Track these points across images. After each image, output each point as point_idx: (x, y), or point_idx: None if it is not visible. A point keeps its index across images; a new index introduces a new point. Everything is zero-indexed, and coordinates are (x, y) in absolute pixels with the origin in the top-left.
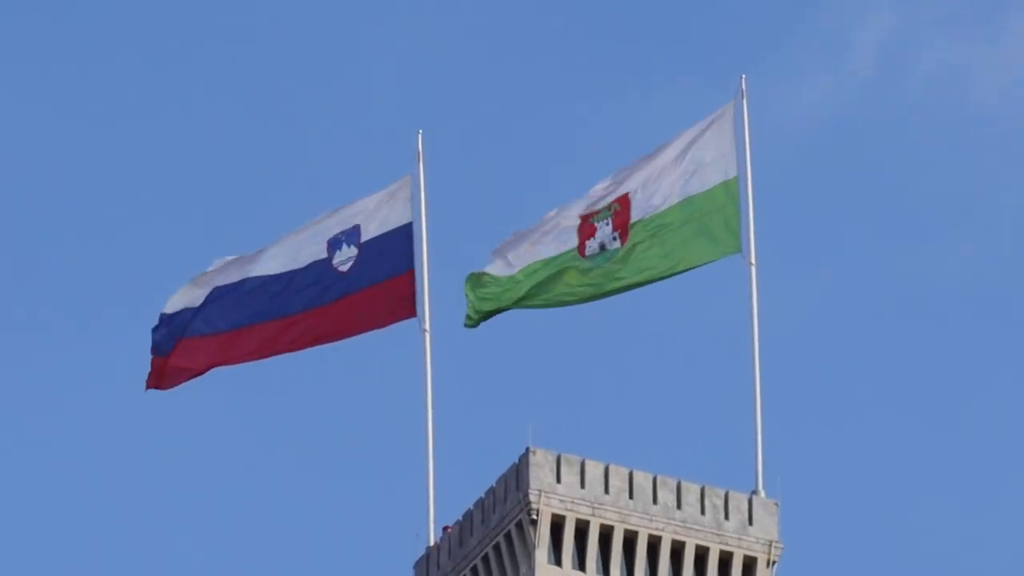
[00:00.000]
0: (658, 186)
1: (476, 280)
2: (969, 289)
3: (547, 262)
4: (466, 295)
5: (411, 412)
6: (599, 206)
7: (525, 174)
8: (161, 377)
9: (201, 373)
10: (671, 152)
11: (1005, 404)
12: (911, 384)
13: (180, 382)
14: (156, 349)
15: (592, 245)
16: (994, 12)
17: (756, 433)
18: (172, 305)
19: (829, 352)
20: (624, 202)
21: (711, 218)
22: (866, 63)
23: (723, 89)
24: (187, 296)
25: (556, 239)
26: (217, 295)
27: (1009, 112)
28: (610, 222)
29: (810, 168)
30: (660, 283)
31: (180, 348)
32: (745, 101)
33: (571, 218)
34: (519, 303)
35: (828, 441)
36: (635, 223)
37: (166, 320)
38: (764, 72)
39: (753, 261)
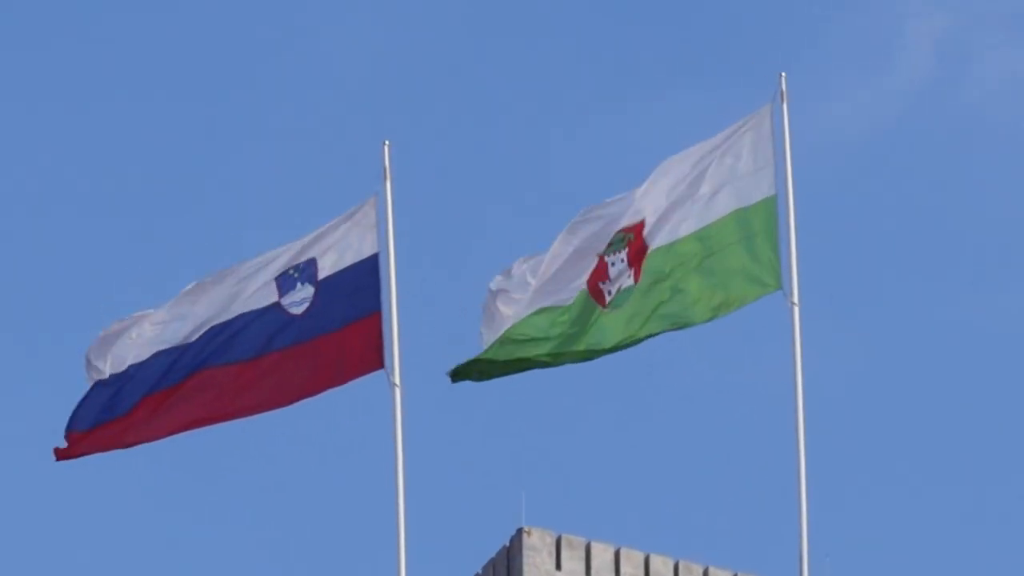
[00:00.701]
0: (678, 203)
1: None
2: None
3: (568, 314)
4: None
5: (378, 484)
6: (611, 236)
7: (519, 190)
8: (75, 447)
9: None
10: (694, 162)
11: None
12: (980, 460)
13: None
14: (77, 424)
15: (609, 289)
16: None
17: (800, 510)
18: (95, 368)
19: (882, 414)
20: (637, 230)
21: (753, 243)
22: (913, 71)
23: (730, 102)
24: (110, 354)
25: (562, 281)
26: (145, 358)
27: None
28: (625, 256)
29: (844, 195)
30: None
31: (77, 437)
32: (786, 105)
33: (588, 256)
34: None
35: (887, 521)
36: (652, 253)
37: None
38: (792, 80)
39: (796, 300)
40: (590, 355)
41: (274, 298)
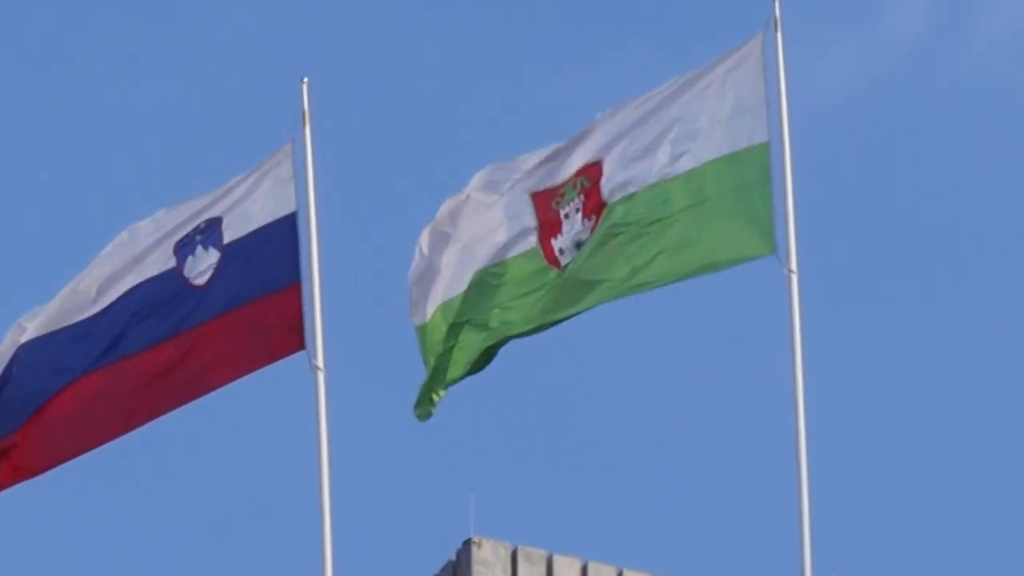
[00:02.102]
0: (648, 149)
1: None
2: None
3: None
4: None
5: (301, 482)
6: (559, 180)
7: (456, 132)
8: None
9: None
10: (664, 100)
11: None
12: (994, 472)
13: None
14: None
15: (564, 245)
16: None
17: (802, 520)
18: None
19: (886, 410)
20: (595, 173)
21: (731, 199)
22: (909, 25)
23: (694, 57)
24: None
25: (504, 234)
26: (26, 353)
27: None
28: (580, 206)
29: (834, 161)
30: (650, 295)
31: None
32: (780, 34)
33: (516, 196)
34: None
35: (896, 530)
36: (614, 204)
37: None
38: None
39: (794, 268)
40: (544, 326)
41: (172, 264)
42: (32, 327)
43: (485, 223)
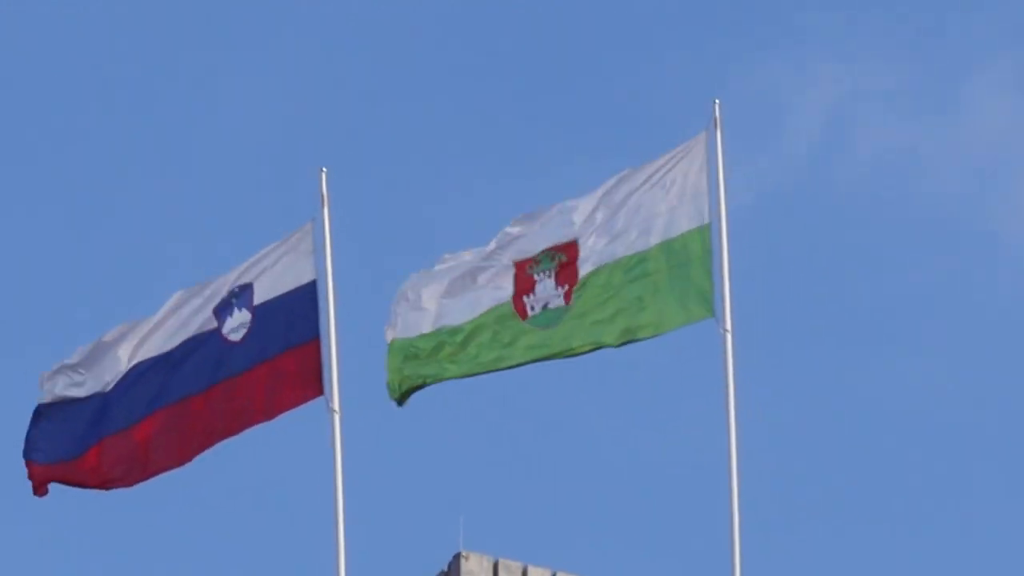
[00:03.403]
0: (612, 231)
1: (403, 348)
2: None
3: (477, 323)
4: (390, 369)
5: (318, 509)
6: (537, 251)
7: (461, 213)
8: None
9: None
10: (626, 189)
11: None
12: (890, 490)
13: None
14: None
15: (532, 303)
16: (949, 81)
17: (732, 532)
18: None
19: (809, 444)
20: (571, 251)
21: (680, 272)
22: (803, 141)
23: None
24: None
25: (488, 288)
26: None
27: (967, 202)
28: (552, 274)
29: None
30: (613, 351)
31: (40, 469)
32: (720, 132)
33: (503, 263)
34: (456, 369)
35: (820, 534)
36: (586, 277)
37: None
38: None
39: (729, 327)
40: (520, 362)
41: (213, 325)
42: (121, 358)
43: (464, 284)
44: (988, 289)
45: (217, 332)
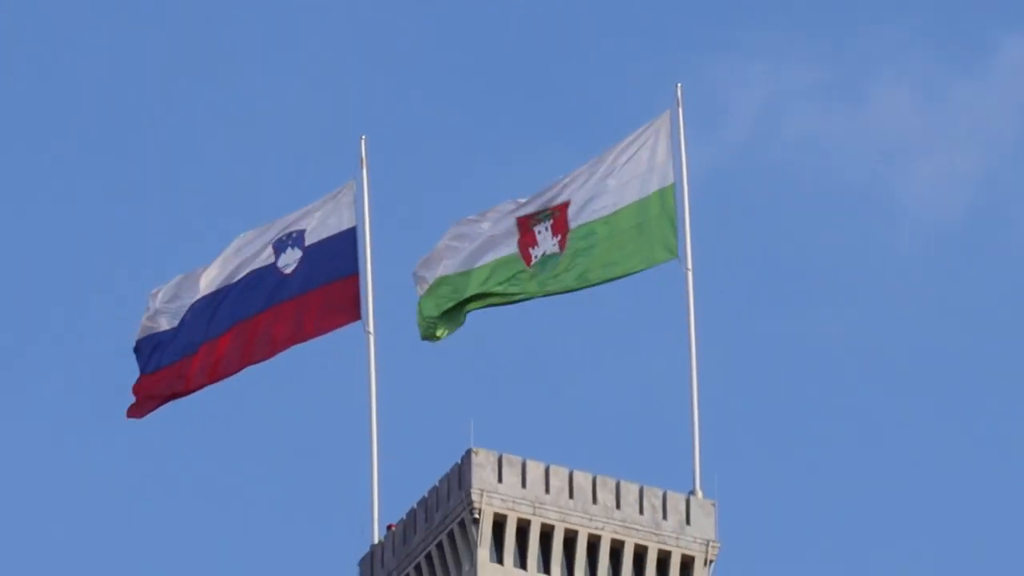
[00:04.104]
0: (596, 193)
1: (432, 293)
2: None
3: (493, 267)
4: (423, 312)
5: (356, 413)
6: (534, 209)
7: (471, 176)
8: (138, 406)
9: (167, 401)
10: (608, 160)
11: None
12: (844, 388)
13: (147, 412)
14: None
15: (536, 253)
16: (857, 81)
17: (693, 434)
18: (142, 331)
19: (767, 353)
20: (562, 209)
21: (649, 225)
22: (742, 127)
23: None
24: (148, 322)
25: (496, 243)
26: (180, 318)
27: (873, 176)
28: (549, 227)
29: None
30: (604, 286)
31: (146, 380)
32: (681, 110)
33: (507, 221)
34: (471, 303)
35: (764, 441)
36: (574, 229)
37: (140, 347)
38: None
39: (690, 266)
40: (525, 297)
41: (271, 260)
42: (202, 286)
43: (477, 236)
44: (889, 246)
45: (274, 266)
